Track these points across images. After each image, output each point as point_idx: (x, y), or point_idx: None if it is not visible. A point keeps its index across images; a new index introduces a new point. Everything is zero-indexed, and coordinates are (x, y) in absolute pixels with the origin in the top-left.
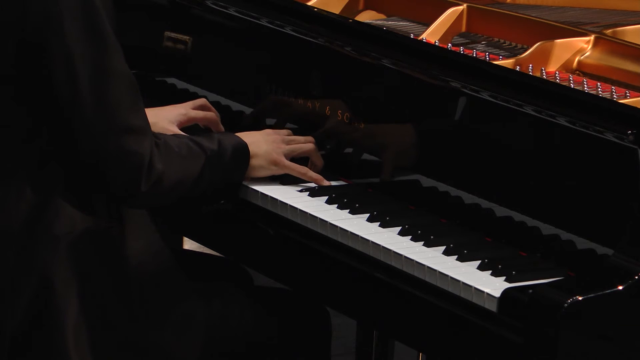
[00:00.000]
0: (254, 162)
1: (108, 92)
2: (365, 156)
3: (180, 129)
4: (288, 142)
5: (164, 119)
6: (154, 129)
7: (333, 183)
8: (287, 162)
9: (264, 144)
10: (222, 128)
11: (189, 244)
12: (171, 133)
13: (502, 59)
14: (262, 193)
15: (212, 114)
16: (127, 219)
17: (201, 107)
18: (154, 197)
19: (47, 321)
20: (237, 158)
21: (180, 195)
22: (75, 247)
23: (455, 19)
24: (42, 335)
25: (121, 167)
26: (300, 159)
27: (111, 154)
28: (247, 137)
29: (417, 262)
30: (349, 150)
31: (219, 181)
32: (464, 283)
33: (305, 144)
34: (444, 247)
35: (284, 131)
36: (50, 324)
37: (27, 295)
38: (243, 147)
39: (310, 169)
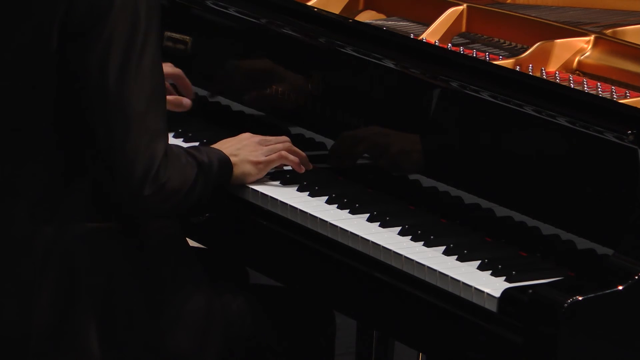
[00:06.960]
0: (237, 170)
1: (134, 87)
2: (364, 156)
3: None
4: (264, 144)
5: None
6: None
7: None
8: (266, 158)
9: (241, 151)
10: (188, 82)
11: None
12: None
13: (502, 59)
14: (262, 193)
15: (179, 70)
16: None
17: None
18: (153, 204)
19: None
20: (222, 170)
21: (173, 204)
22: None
23: (455, 19)
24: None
25: (131, 168)
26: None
27: (125, 153)
28: (225, 148)
29: (417, 262)
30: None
31: (208, 192)
32: (464, 283)
33: (280, 144)
34: (444, 247)
35: (257, 136)
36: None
37: (51, 282)
38: (226, 160)
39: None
